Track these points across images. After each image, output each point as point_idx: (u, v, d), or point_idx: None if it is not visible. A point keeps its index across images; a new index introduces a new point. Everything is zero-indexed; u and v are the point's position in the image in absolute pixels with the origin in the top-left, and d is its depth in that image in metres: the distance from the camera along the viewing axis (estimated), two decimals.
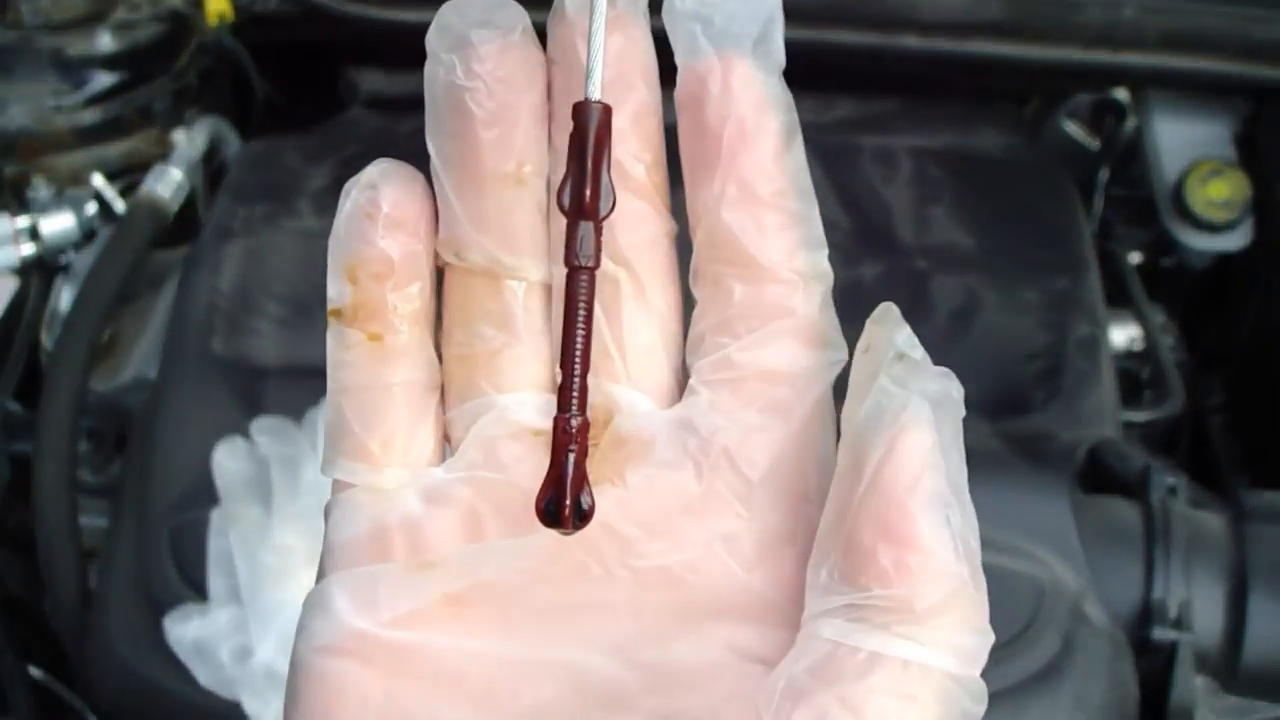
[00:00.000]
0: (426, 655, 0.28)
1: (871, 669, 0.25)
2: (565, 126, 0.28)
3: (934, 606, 0.25)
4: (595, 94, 0.28)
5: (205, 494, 0.80)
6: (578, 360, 0.28)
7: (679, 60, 0.29)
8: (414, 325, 0.30)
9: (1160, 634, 0.77)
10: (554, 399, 0.28)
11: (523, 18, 0.29)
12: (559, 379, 0.28)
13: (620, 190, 0.28)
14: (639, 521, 0.29)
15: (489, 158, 0.29)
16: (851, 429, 0.26)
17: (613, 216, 0.28)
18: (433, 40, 0.29)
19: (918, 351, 0.27)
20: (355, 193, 0.29)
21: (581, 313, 0.28)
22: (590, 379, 0.28)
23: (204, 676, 0.76)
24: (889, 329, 0.27)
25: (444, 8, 0.29)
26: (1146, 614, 0.78)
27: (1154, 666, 0.77)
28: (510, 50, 0.29)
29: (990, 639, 0.26)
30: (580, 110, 0.28)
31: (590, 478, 0.28)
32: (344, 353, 0.30)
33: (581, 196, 0.27)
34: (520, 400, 0.30)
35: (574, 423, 0.27)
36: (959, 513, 0.26)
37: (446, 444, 0.31)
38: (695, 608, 0.28)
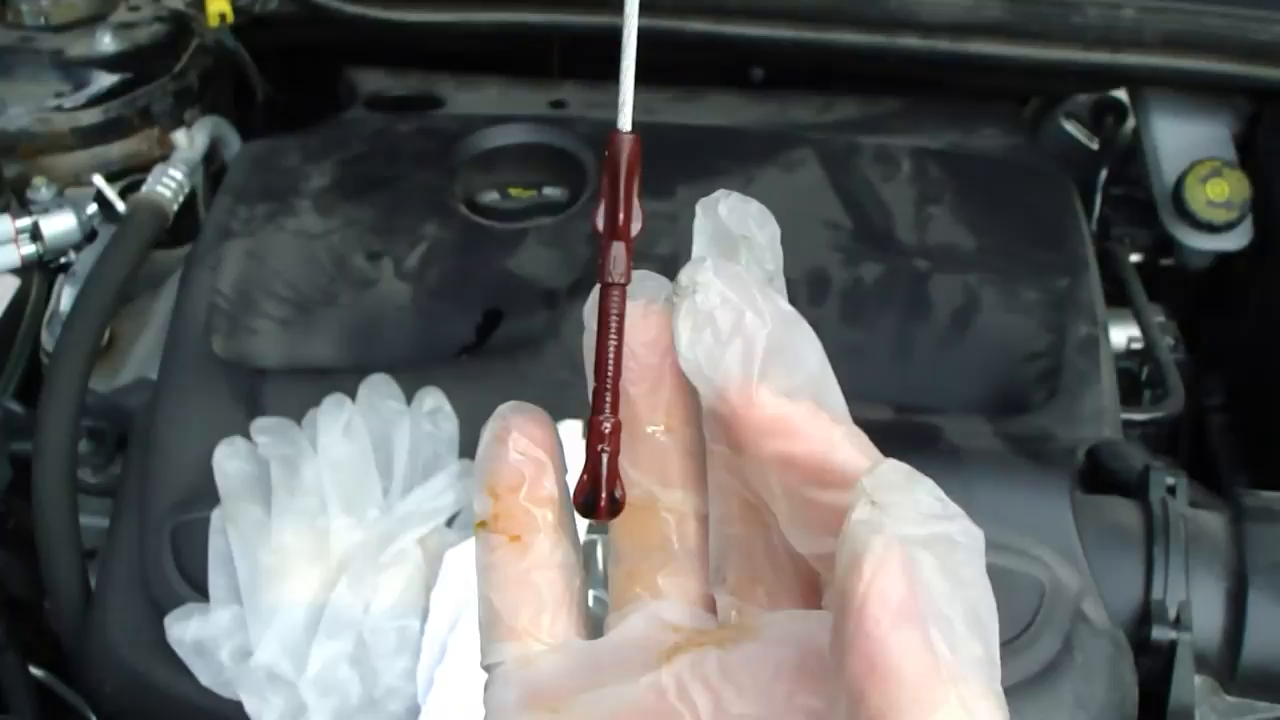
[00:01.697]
0: None
1: None
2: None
3: None
4: (626, 126, 0.30)
5: (205, 494, 0.80)
6: (610, 368, 0.30)
7: (703, 400, 0.31)
8: (548, 526, 0.33)
9: (1160, 634, 0.76)
10: (699, 610, 0.33)
11: (664, 288, 0.32)
12: (593, 385, 0.30)
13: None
14: (735, 682, 0.31)
15: (640, 410, 0.33)
16: (834, 580, 0.28)
17: (726, 484, 0.31)
18: (586, 310, 0.32)
19: (929, 502, 0.28)
20: (489, 424, 0.33)
21: (614, 324, 0.30)
22: (736, 600, 0.32)
23: (204, 676, 0.76)
24: (883, 478, 0.28)
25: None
26: (1146, 614, 0.78)
27: (1154, 666, 0.77)
28: (651, 315, 0.32)
29: None
30: (612, 141, 0.30)
31: (709, 644, 0.31)
32: (490, 555, 0.34)
33: (614, 219, 0.30)
34: (672, 606, 0.34)
35: (607, 425, 0.30)
36: (950, 637, 0.26)
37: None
38: None
